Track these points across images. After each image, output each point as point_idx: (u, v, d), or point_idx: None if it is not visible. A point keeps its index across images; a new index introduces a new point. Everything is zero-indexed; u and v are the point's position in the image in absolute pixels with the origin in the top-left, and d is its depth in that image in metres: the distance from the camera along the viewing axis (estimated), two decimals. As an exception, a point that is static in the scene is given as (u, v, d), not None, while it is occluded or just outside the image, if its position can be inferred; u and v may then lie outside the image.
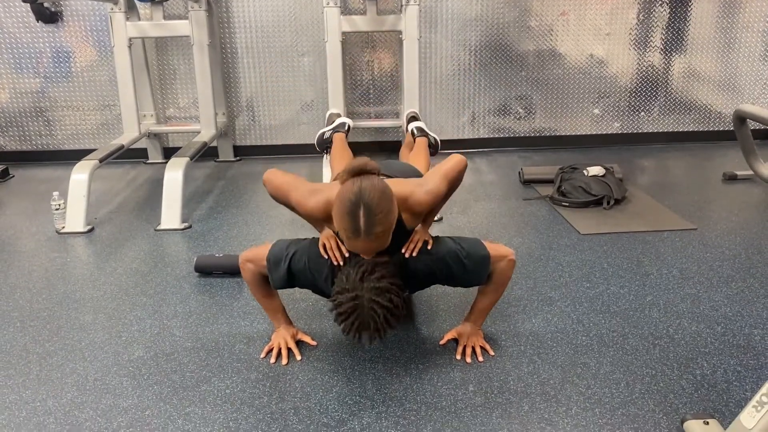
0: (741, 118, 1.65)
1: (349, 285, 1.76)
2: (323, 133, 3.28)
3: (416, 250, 1.95)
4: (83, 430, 1.75)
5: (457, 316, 2.30)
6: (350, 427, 1.74)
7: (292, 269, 1.97)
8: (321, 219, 1.94)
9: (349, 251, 1.92)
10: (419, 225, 2.02)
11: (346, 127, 3.31)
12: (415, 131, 3.18)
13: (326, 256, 1.94)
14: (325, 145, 3.25)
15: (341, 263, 1.90)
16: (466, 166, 2.02)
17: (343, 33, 4.09)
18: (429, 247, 1.96)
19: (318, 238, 2.00)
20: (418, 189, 1.91)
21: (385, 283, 1.76)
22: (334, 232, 1.96)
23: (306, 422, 1.76)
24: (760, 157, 1.74)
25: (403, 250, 1.95)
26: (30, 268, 2.86)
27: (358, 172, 1.77)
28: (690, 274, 2.62)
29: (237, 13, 4.47)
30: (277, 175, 2.03)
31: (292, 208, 2.04)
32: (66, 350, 2.16)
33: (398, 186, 1.86)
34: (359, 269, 1.77)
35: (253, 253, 2.05)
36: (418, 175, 2.39)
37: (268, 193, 2.06)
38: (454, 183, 2.01)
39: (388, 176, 2.00)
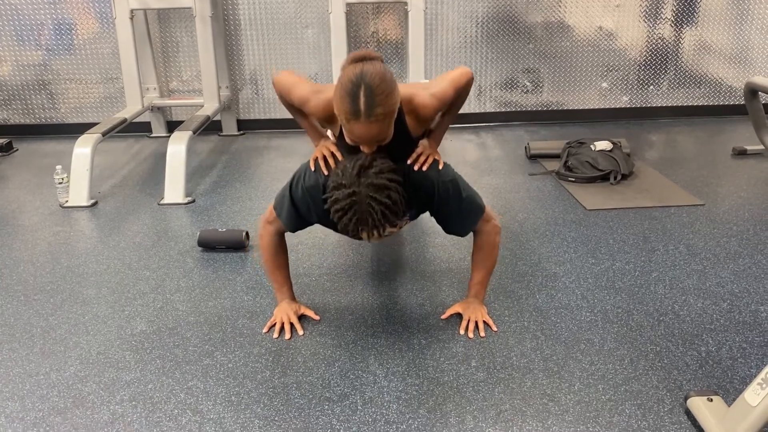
0: (753, 91, 1.61)
1: (345, 180, 1.70)
2: None
3: (426, 164, 1.89)
4: (86, 403, 1.76)
5: (461, 291, 2.28)
6: (352, 401, 1.74)
7: (293, 198, 1.94)
8: (322, 118, 1.89)
9: (346, 155, 1.85)
10: (427, 140, 1.97)
11: None
12: None
13: (323, 171, 1.87)
14: None
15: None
16: (472, 77, 1.94)
17: (348, 4, 4.02)
18: (440, 167, 1.91)
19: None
20: (423, 91, 1.86)
21: (384, 180, 1.70)
22: (334, 136, 1.91)
23: (308, 396, 1.76)
24: (772, 132, 1.70)
25: (409, 161, 1.88)
26: (34, 241, 2.86)
27: (360, 59, 1.71)
28: (696, 250, 2.60)
29: (240, -16, 4.41)
30: (285, 74, 2.00)
31: (295, 111, 2.01)
32: (69, 324, 2.17)
33: (402, 87, 1.80)
34: (356, 163, 1.71)
35: (268, 211, 2.05)
36: None
37: (276, 93, 2.04)
38: (460, 91, 1.93)
39: None
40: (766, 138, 1.63)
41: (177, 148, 3.40)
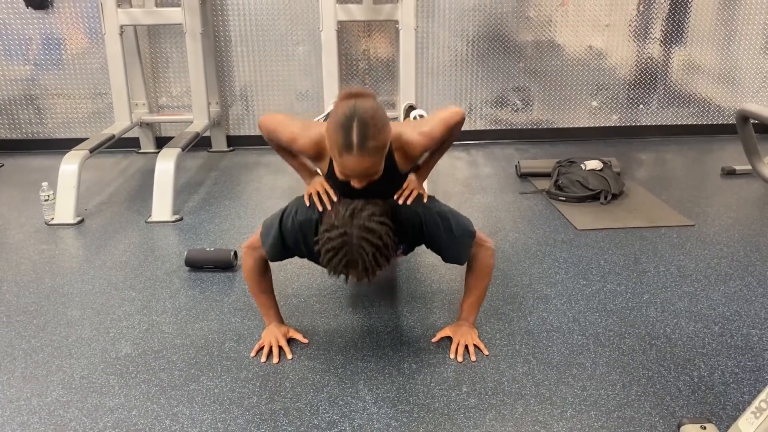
0: (744, 118, 1.60)
1: (338, 222, 1.73)
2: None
3: (411, 198, 1.93)
4: (68, 430, 1.71)
5: (452, 313, 2.26)
6: (341, 429, 1.71)
7: (282, 231, 1.94)
8: (312, 155, 1.90)
9: (338, 192, 1.87)
10: (413, 175, 2.00)
11: None
12: (418, 117, 3.15)
13: (317, 206, 1.89)
14: None
15: (329, 208, 1.85)
16: (463, 118, 1.95)
17: (339, 22, 4.03)
18: (424, 200, 1.95)
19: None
20: (412, 129, 1.89)
21: (375, 222, 1.73)
22: (324, 174, 1.92)
23: (296, 424, 1.73)
24: (763, 158, 1.69)
25: (396, 196, 1.92)
26: (18, 260, 2.81)
27: (353, 95, 1.72)
28: (687, 272, 2.59)
29: (230, 0, 4.40)
30: (271, 115, 2.00)
31: (284, 152, 2.01)
32: (53, 346, 2.12)
33: (392, 125, 1.81)
34: (349, 206, 1.75)
35: (253, 237, 2.05)
36: None
37: (263, 136, 2.02)
38: (449, 130, 1.94)
39: None
40: (759, 165, 1.62)
41: (165, 165, 3.37)
